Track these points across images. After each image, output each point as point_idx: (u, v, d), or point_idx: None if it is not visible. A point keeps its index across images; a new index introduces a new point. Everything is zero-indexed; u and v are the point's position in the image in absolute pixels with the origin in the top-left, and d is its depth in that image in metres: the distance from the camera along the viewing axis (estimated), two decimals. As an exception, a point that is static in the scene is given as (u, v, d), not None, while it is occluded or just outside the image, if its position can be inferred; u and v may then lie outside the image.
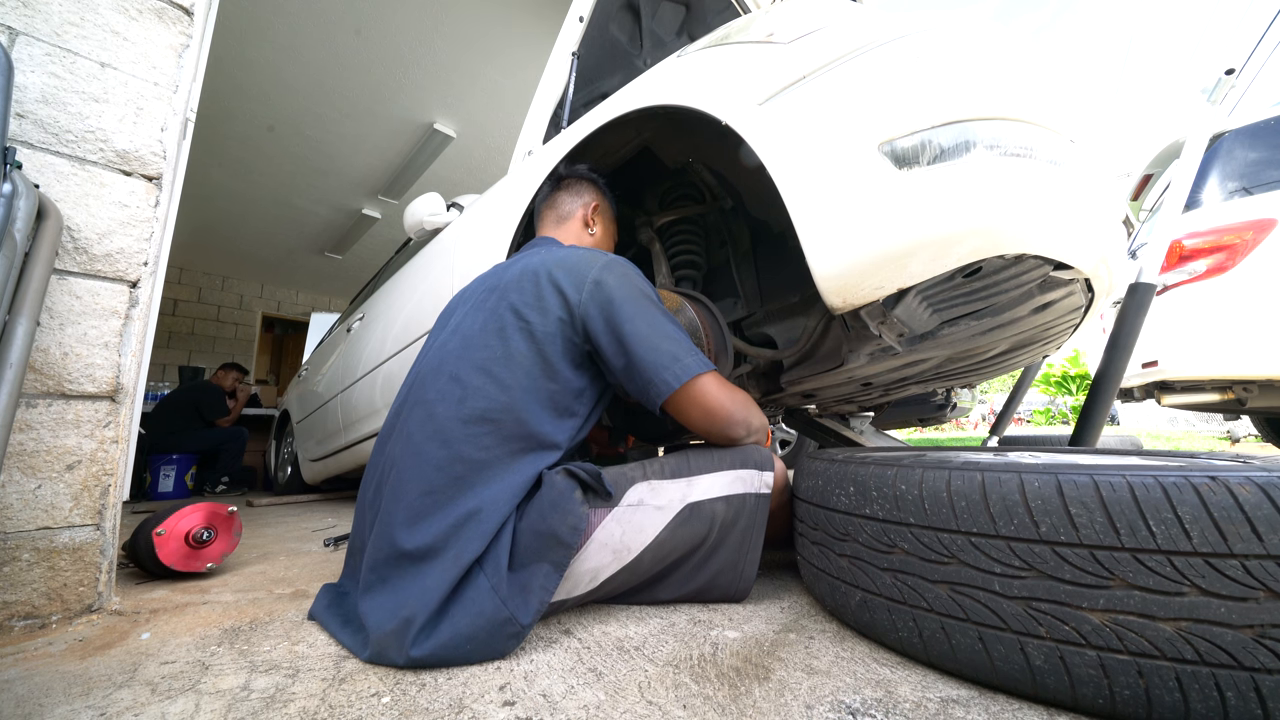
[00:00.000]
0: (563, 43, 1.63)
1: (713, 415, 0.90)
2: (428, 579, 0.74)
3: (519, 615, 0.72)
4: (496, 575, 0.74)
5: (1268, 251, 2.16)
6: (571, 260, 0.95)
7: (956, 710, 0.54)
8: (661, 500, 0.86)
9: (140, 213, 1.02)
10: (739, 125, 0.89)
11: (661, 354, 0.87)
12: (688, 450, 0.95)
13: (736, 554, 0.89)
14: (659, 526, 0.84)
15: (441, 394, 0.87)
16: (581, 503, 0.79)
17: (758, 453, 0.93)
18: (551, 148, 1.34)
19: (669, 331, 0.90)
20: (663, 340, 0.88)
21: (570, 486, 0.80)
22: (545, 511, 0.78)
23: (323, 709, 0.59)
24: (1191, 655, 0.46)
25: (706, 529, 0.87)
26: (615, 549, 0.82)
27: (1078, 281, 0.90)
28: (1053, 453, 0.97)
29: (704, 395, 0.89)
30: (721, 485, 0.89)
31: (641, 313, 0.89)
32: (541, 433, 0.85)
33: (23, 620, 0.86)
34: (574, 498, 0.79)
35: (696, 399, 0.89)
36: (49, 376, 0.90)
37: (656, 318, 0.90)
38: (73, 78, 0.97)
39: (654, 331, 0.88)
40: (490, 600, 0.72)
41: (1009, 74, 0.78)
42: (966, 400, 1.84)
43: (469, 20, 3.04)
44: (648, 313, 0.90)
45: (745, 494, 0.90)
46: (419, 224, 1.85)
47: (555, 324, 0.89)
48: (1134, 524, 0.49)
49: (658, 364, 0.86)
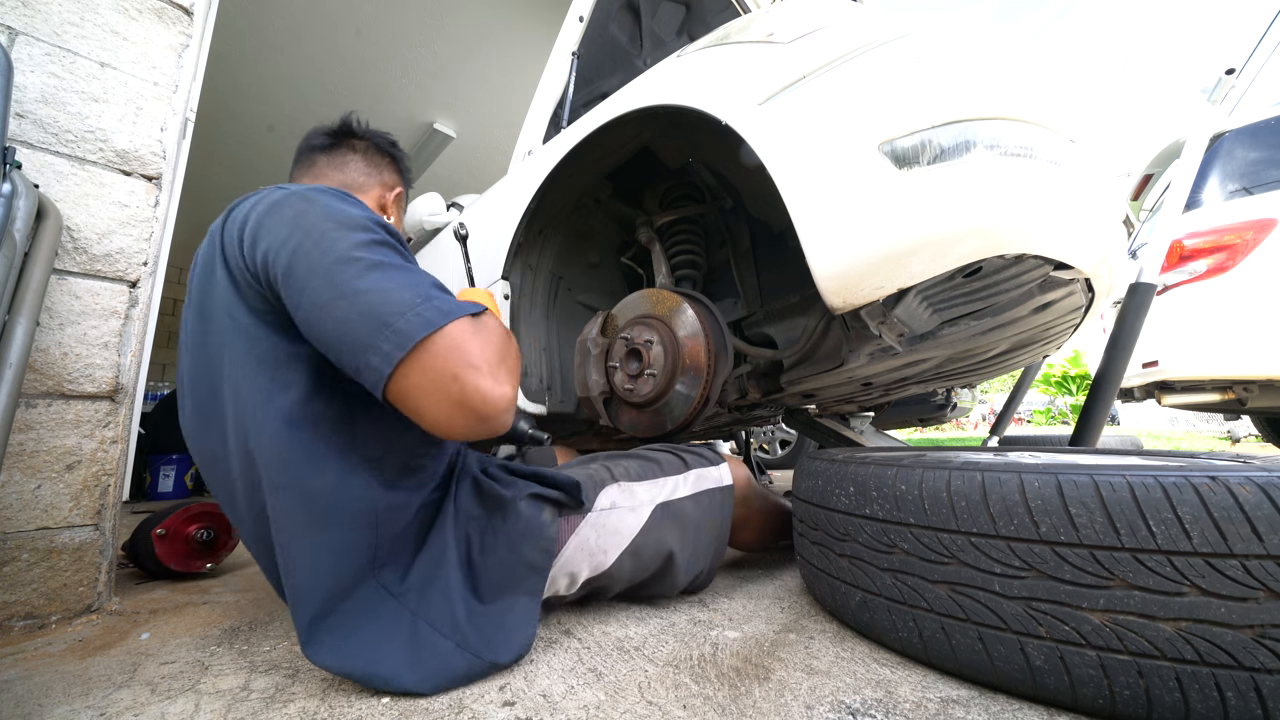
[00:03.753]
0: (563, 43, 1.63)
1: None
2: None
3: (500, 658, 0.66)
4: (452, 620, 0.66)
5: (1268, 251, 2.16)
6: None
7: (956, 710, 0.54)
8: (634, 502, 0.86)
9: (140, 213, 1.02)
10: (739, 125, 0.88)
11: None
12: (652, 450, 0.97)
13: (710, 549, 0.93)
14: (634, 529, 0.84)
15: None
16: (551, 524, 0.75)
17: (709, 451, 0.98)
18: (552, 147, 1.34)
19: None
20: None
21: (537, 511, 0.75)
22: (515, 541, 0.73)
23: (323, 709, 0.59)
24: (1191, 655, 0.46)
25: (680, 528, 0.89)
26: (591, 552, 0.80)
27: (1078, 281, 0.90)
28: (1053, 453, 0.97)
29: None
30: (688, 485, 0.92)
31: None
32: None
33: (22, 620, 0.86)
34: (542, 520, 0.75)
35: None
36: (49, 376, 0.90)
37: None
38: (72, 77, 0.97)
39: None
40: (459, 657, 0.64)
41: (1009, 74, 0.78)
42: (966, 400, 1.85)
43: (469, 20, 3.04)
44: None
45: (711, 489, 0.94)
46: (419, 224, 1.85)
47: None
48: (1134, 524, 0.49)
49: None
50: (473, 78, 3.49)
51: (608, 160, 1.26)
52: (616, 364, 1.21)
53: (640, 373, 1.16)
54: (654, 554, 0.85)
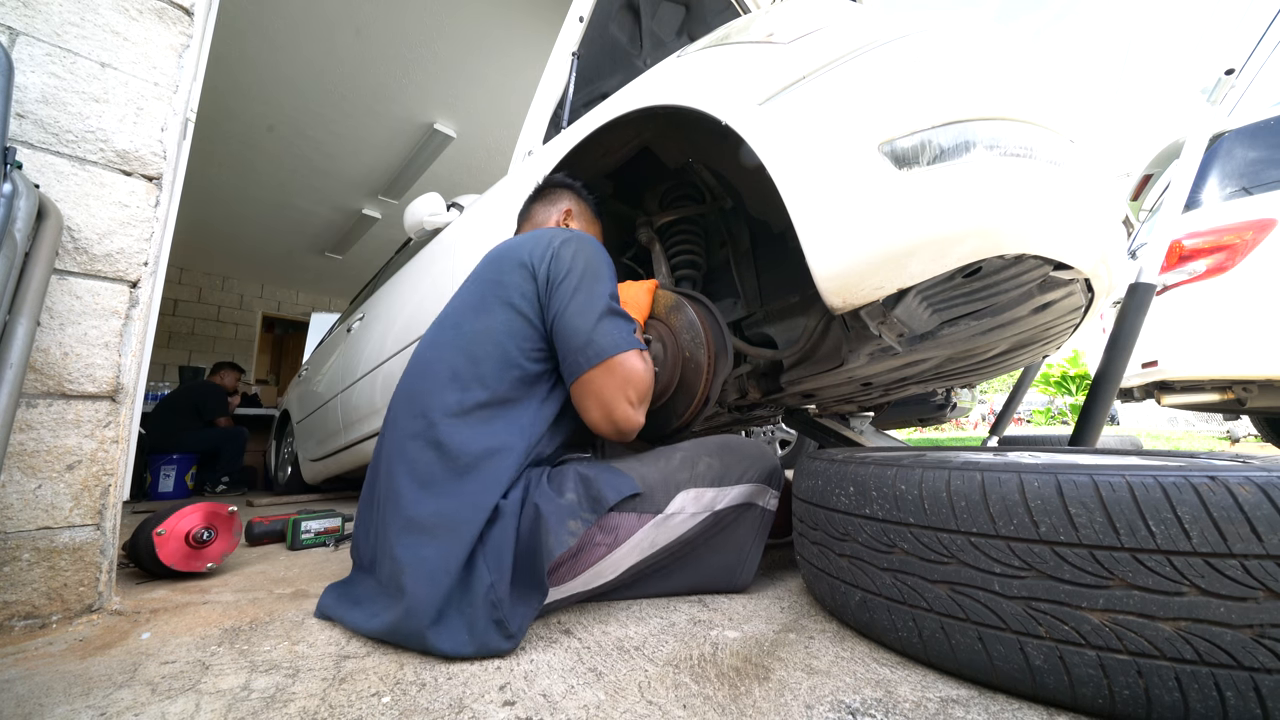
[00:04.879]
0: (563, 43, 1.63)
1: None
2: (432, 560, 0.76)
3: (509, 622, 0.73)
4: (499, 570, 0.75)
5: (1267, 251, 2.16)
6: (535, 236, 0.98)
7: (956, 710, 0.54)
8: (697, 507, 0.90)
9: (140, 213, 1.02)
10: (739, 125, 0.88)
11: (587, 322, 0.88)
12: (732, 452, 0.97)
13: (737, 555, 0.94)
14: (685, 528, 0.89)
15: (429, 385, 0.89)
16: (571, 533, 0.77)
17: (779, 472, 1.01)
18: (552, 148, 1.34)
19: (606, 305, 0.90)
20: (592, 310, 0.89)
21: (562, 517, 0.78)
22: (533, 530, 0.78)
23: (323, 709, 0.60)
24: (1191, 655, 0.46)
25: (717, 531, 0.93)
26: (644, 549, 0.87)
27: (1077, 281, 0.90)
28: (1052, 453, 0.97)
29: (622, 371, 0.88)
30: (744, 495, 0.95)
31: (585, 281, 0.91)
32: (512, 395, 0.87)
33: (23, 620, 0.86)
34: (566, 526, 0.77)
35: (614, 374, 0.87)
36: (49, 376, 0.90)
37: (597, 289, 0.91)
38: (73, 78, 0.97)
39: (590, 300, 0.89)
40: (484, 606, 0.73)
41: (1009, 74, 0.78)
42: (966, 400, 1.85)
43: (469, 20, 3.05)
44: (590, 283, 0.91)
45: (756, 505, 0.96)
46: (419, 224, 1.85)
47: (520, 292, 0.91)
48: (1133, 524, 0.49)
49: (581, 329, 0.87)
50: (473, 78, 3.50)
51: (608, 160, 1.26)
52: (617, 364, 1.21)
53: None
54: (690, 548, 0.92)
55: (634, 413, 0.89)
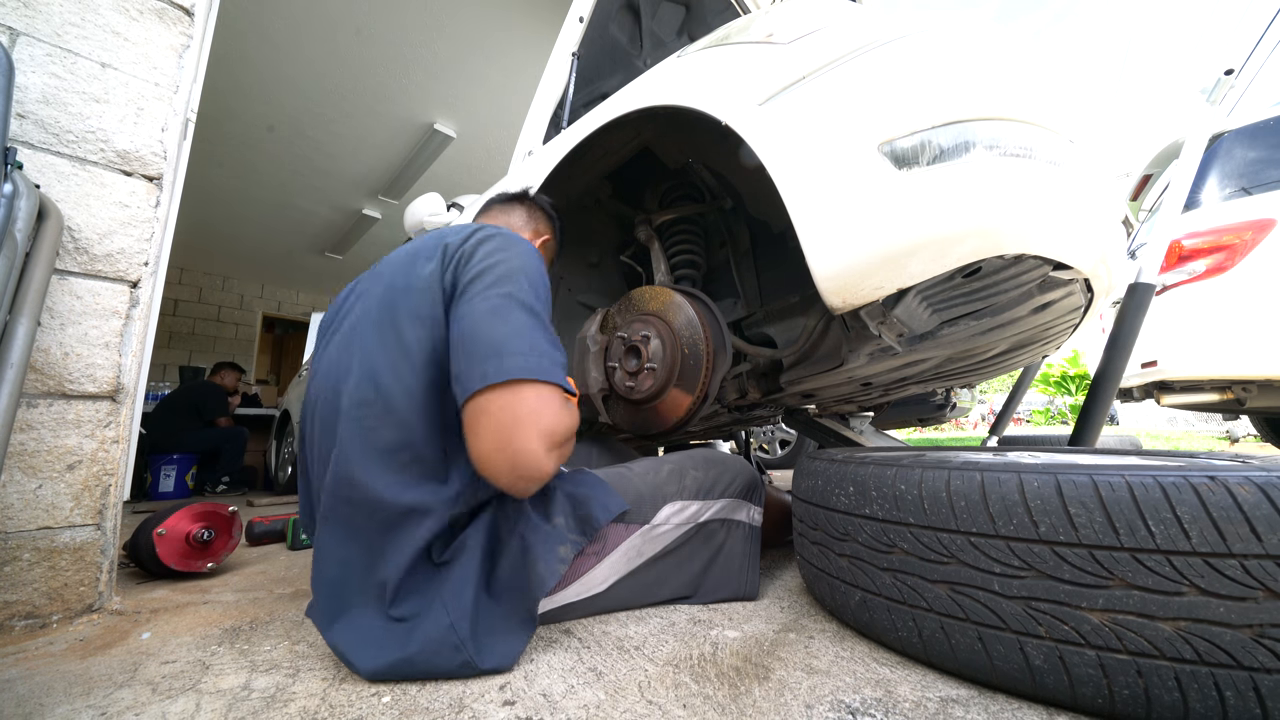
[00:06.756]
0: (563, 43, 1.63)
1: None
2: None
3: (477, 660, 0.65)
4: (458, 610, 0.68)
5: (1267, 251, 2.16)
6: (465, 227, 0.84)
7: (956, 710, 0.54)
8: (681, 519, 0.90)
9: (141, 213, 1.02)
10: (739, 125, 0.89)
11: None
12: (715, 465, 0.99)
13: (737, 569, 0.94)
14: (670, 538, 0.90)
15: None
16: (562, 560, 0.74)
17: (760, 486, 1.01)
18: (551, 148, 1.34)
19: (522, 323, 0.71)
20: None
21: (551, 545, 0.74)
22: (517, 564, 0.74)
23: (323, 709, 0.60)
24: (1190, 655, 0.46)
25: (705, 545, 0.93)
26: (631, 558, 0.87)
27: (1077, 281, 0.90)
28: (1052, 453, 0.97)
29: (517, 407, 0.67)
30: (727, 508, 0.96)
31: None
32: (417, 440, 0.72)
33: (23, 620, 0.86)
34: (556, 554, 0.74)
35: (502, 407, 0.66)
36: (50, 376, 0.90)
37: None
38: (73, 78, 0.97)
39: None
40: (449, 640, 0.66)
41: (1008, 74, 0.78)
42: (966, 400, 1.85)
43: (470, 21, 3.04)
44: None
45: (742, 522, 0.97)
46: (419, 224, 1.85)
47: (425, 283, 0.75)
48: (1133, 524, 0.49)
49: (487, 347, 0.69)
50: (473, 78, 3.49)
51: (608, 160, 1.26)
52: (616, 363, 1.22)
53: (639, 369, 1.16)
54: (679, 559, 0.91)
55: (541, 453, 0.66)
